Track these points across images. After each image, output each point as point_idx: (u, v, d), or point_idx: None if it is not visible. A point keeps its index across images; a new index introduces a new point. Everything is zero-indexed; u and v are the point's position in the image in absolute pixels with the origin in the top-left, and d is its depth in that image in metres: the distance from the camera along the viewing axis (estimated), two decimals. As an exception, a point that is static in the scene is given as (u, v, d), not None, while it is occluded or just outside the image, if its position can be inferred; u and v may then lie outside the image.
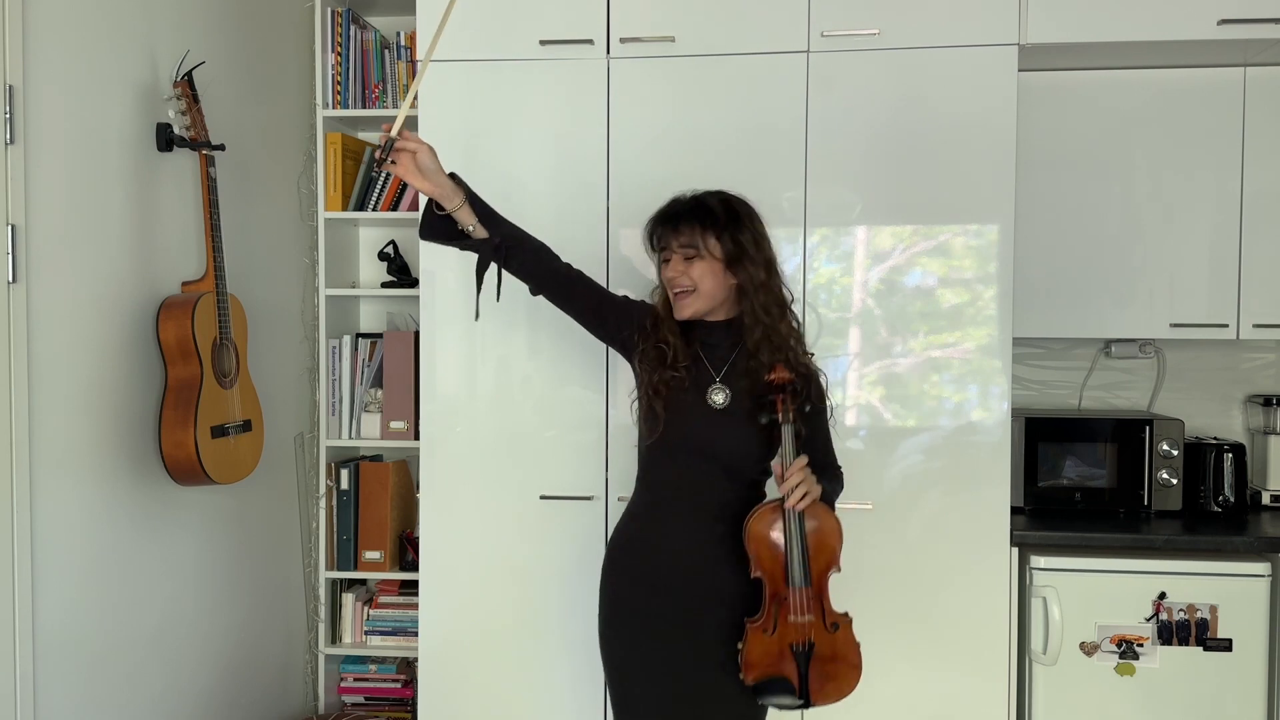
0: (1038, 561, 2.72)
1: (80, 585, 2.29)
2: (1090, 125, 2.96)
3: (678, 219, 2.16)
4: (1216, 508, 2.98)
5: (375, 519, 3.23)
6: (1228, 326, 2.93)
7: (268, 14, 3.03)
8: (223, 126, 2.68)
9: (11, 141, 2.08)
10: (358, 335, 3.30)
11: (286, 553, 3.18)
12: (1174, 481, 2.94)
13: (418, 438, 3.03)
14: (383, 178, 3.21)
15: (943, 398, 2.71)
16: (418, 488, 3.09)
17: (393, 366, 3.19)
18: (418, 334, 2.97)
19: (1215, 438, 3.12)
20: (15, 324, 2.09)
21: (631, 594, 2.24)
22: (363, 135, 3.39)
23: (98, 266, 2.33)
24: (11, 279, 2.08)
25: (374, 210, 3.22)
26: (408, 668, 3.29)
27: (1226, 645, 2.67)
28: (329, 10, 3.17)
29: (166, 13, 2.55)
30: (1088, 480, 2.99)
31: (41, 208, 2.16)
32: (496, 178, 2.80)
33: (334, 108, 3.20)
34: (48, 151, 2.18)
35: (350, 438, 3.25)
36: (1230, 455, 2.98)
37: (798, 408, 2.10)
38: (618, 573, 2.28)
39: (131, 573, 2.46)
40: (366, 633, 3.28)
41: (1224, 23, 2.65)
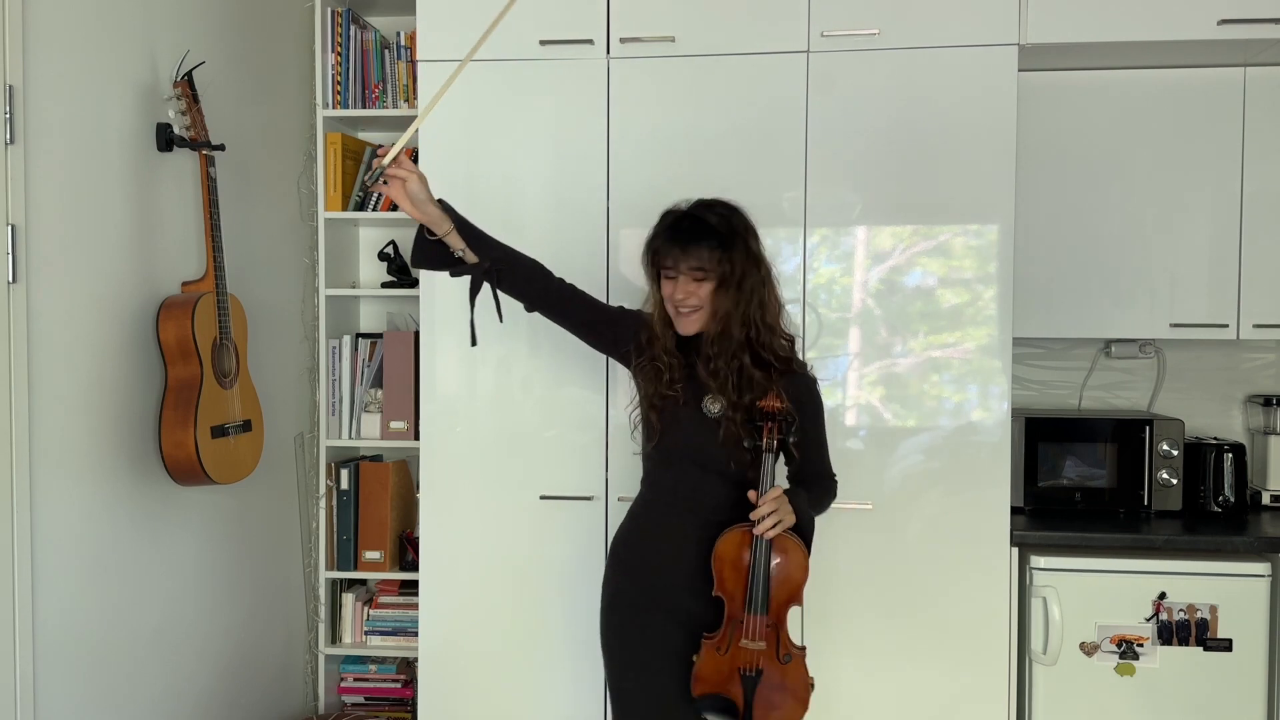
0: (1038, 561, 2.72)
1: (80, 585, 2.29)
2: (1090, 125, 2.96)
3: (686, 240, 2.13)
4: (1216, 508, 2.98)
5: (375, 519, 3.23)
6: (1228, 326, 2.93)
7: (268, 14, 3.03)
8: (223, 126, 2.68)
9: (11, 141, 2.08)
10: (358, 335, 3.30)
11: (286, 553, 3.18)
12: (1174, 481, 2.94)
13: (418, 438, 3.03)
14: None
15: (943, 398, 2.71)
16: (418, 488, 3.09)
17: (393, 366, 3.19)
18: (418, 334, 2.97)
19: (1215, 438, 3.12)
20: (15, 324, 2.09)
21: (630, 591, 2.28)
22: (363, 135, 3.39)
23: (98, 266, 2.33)
24: (11, 279, 2.08)
25: (374, 210, 3.22)
26: (408, 668, 3.29)
27: (1226, 645, 2.67)
28: (329, 10, 3.17)
29: (166, 13, 2.55)
30: (1088, 480, 2.99)
31: (41, 208, 2.16)
32: (496, 178, 2.81)
33: (334, 108, 3.20)
34: (48, 151, 2.18)
35: (350, 438, 3.26)
36: (1230, 455, 2.98)
37: (783, 438, 2.14)
38: (618, 569, 2.32)
39: (131, 572, 2.46)
40: (366, 633, 3.28)
41: (1224, 23, 2.65)
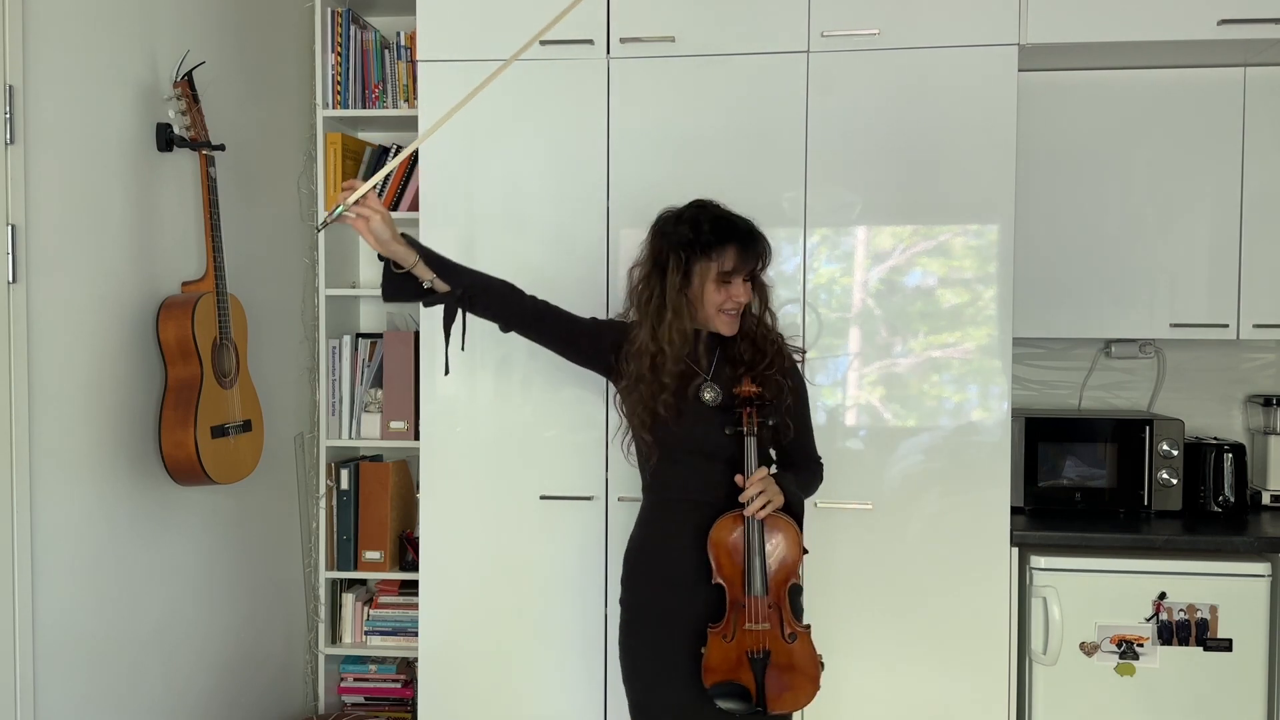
0: (1038, 561, 2.72)
1: (80, 585, 2.29)
2: (1090, 125, 2.96)
3: (762, 249, 2.20)
4: (1216, 508, 2.98)
5: (375, 519, 3.23)
6: (1228, 326, 2.93)
7: (268, 14, 3.03)
8: (223, 126, 2.68)
9: (11, 141, 2.08)
10: (358, 335, 3.30)
11: (286, 553, 3.18)
12: (1174, 481, 2.94)
13: (418, 438, 3.03)
14: (383, 177, 3.20)
15: (943, 398, 2.71)
16: (418, 488, 3.09)
17: (393, 366, 3.19)
18: (418, 334, 2.97)
19: (1215, 438, 3.12)
20: (15, 324, 2.09)
21: (651, 597, 2.26)
22: (363, 135, 3.38)
23: (98, 266, 2.33)
24: (11, 279, 2.08)
25: (374, 210, 3.22)
26: (408, 668, 3.29)
27: (1226, 645, 2.67)
28: (329, 10, 3.17)
29: (166, 13, 2.56)
30: (1088, 480, 2.99)
31: (41, 208, 2.16)
32: (497, 178, 2.81)
33: (334, 108, 3.20)
34: (48, 151, 2.18)
35: (350, 438, 3.25)
36: (1230, 455, 2.98)
37: (763, 421, 2.16)
38: (636, 578, 2.30)
39: (131, 572, 2.46)
40: (366, 633, 3.28)
41: (1224, 23, 2.65)
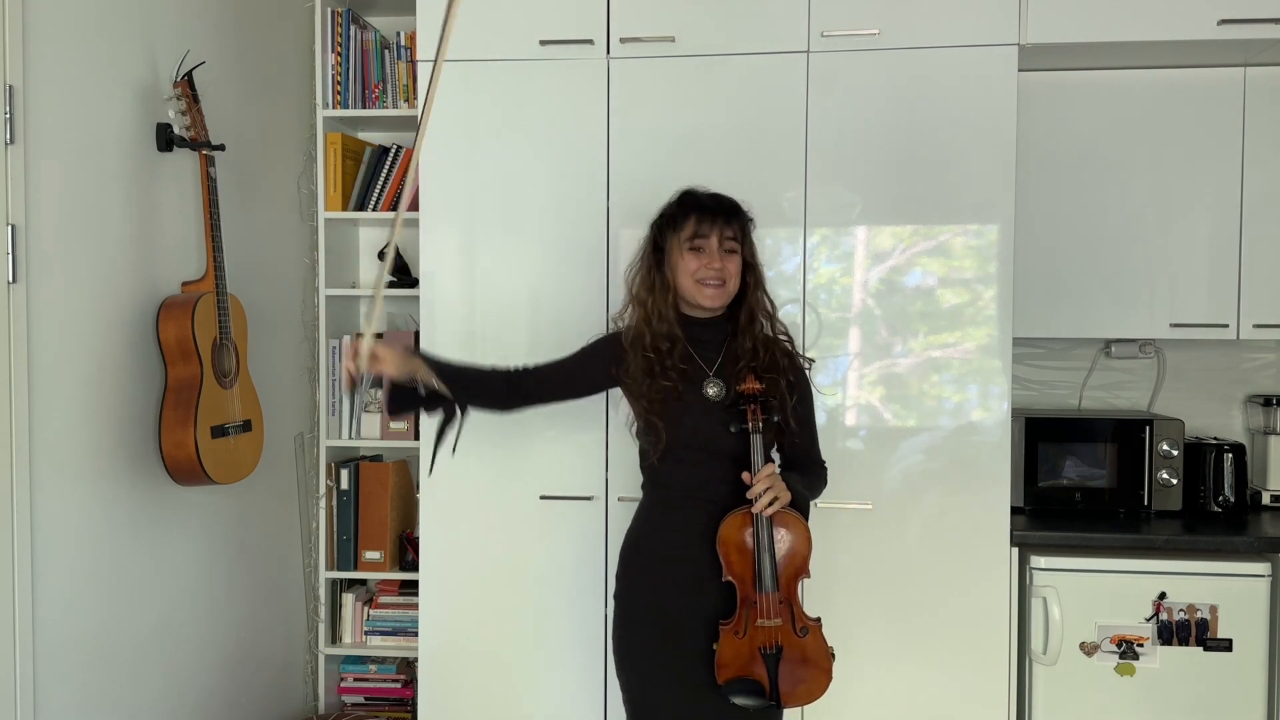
0: (1038, 561, 2.72)
1: (80, 585, 2.29)
2: (1090, 125, 2.96)
3: (728, 215, 2.20)
4: (1216, 508, 2.97)
5: (375, 519, 3.23)
6: (1228, 326, 2.93)
7: (268, 14, 3.03)
8: (223, 126, 2.68)
9: (11, 141, 2.08)
10: (357, 335, 3.29)
11: (286, 553, 3.18)
12: (1174, 481, 2.94)
13: (418, 438, 3.03)
14: (383, 177, 3.21)
15: (943, 398, 2.71)
16: (418, 488, 3.09)
17: (393, 366, 3.19)
18: (418, 334, 2.97)
19: (1215, 438, 3.12)
20: (15, 324, 2.09)
21: (648, 594, 2.24)
22: (363, 135, 3.38)
23: (98, 266, 2.33)
24: (11, 279, 2.08)
25: (374, 210, 3.22)
26: (408, 668, 3.29)
27: (1226, 645, 2.67)
28: (329, 10, 3.17)
29: (166, 13, 2.56)
30: (1088, 480, 2.99)
31: (41, 208, 2.16)
32: (496, 178, 2.81)
33: (334, 108, 3.20)
34: (48, 151, 2.18)
35: (350, 438, 3.25)
36: (1230, 455, 2.98)
37: (767, 418, 2.16)
38: (631, 575, 2.29)
39: (131, 572, 2.46)
40: (366, 633, 3.28)
41: (1224, 23, 2.66)
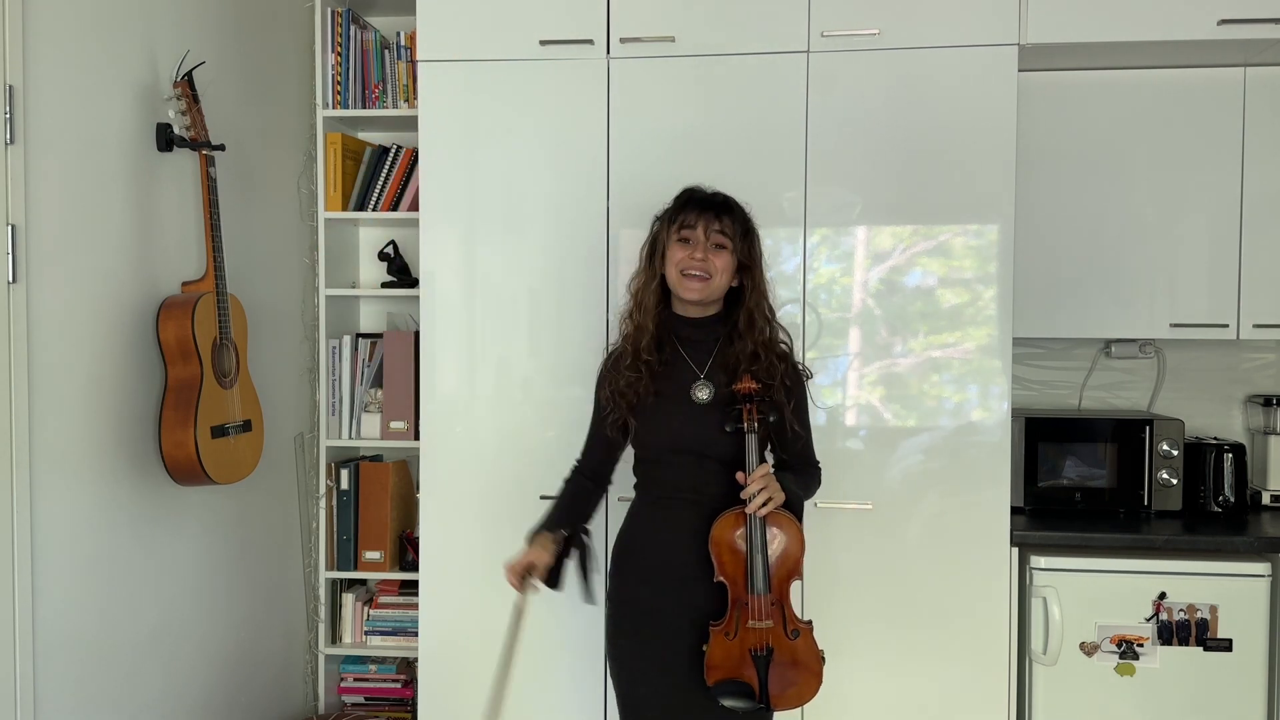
0: (1038, 561, 2.72)
1: (80, 585, 2.29)
2: (1090, 125, 2.96)
3: (720, 209, 2.21)
4: (1216, 508, 2.97)
5: (375, 519, 3.23)
6: (1228, 326, 2.93)
7: (268, 14, 3.03)
8: (223, 126, 2.68)
9: (11, 141, 2.08)
10: (358, 335, 3.29)
11: (286, 553, 3.18)
12: (1174, 481, 2.94)
13: (418, 438, 3.03)
14: (384, 177, 3.21)
15: (943, 398, 2.71)
16: (418, 488, 3.09)
17: (393, 366, 3.19)
18: (418, 334, 2.97)
19: (1215, 438, 3.12)
20: (15, 324, 2.09)
21: (636, 595, 2.25)
22: (363, 135, 3.38)
23: (98, 266, 2.33)
24: (11, 279, 2.08)
25: (374, 210, 3.22)
26: (408, 668, 3.29)
27: (1226, 645, 2.67)
28: (329, 10, 3.17)
29: (166, 13, 2.56)
30: (1088, 480, 2.99)
31: (41, 208, 2.16)
32: (497, 178, 2.81)
33: (334, 108, 3.20)
34: (48, 151, 2.18)
35: (350, 438, 3.25)
36: (1230, 455, 2.98)
37: (763, 418, 2.15)
38: (622, 575, 2.30)
39: (131, 573, 2.46)
40: (366, 633, 3.28)
41: (1224, 23, 2.66)
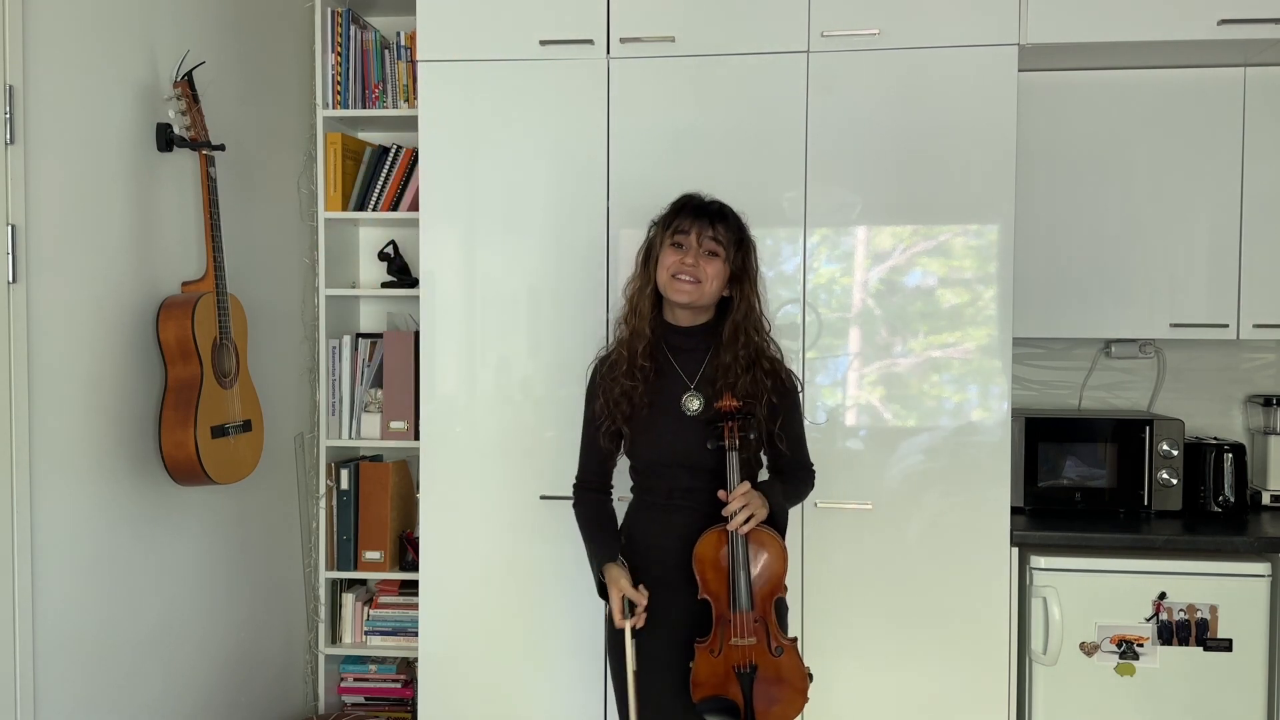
0: (1038, 561, 2.72)
1: (80, 585, 2.29)
2: (1090, 125, 2.96)
3: (714, 216, 2.21)
4: (1216, 508, 2.97)
5: (375, 519, 3.23)
6: (1228, 326, 2.93)
7: (268, 14, 3.03)
8: (223, 126, 2.68)
9: (11, 141, 2.08)
10: (358, 335, 3.29)
11: (286, 553, 3.18)
12: (1174, 481, 2.94)
13: (418, 438, 3.03)
14: (384, 177, 3.21)
15: (943, 398, 2.71)
16: (418, 488, 3.09)
17: (393, 366, 3.19)
18: (418, 334, 2.97)
19: (1215, 438, 3.12)
20: (15, 324, 2.09)
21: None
22: (363, 135, 3.38)
23: (98, 266, 2.33)
24: (11, 279, 2.08)
25: (374, 210, 3.22)
26: (408, 668, 3.29)
27: (1226, 645, 2.67)
28: (329, 10, 3.16)
29: (166, 13, 2.55)
30: (1088, 480, 2.99)
31: (41, 208, 2.16)
32: (497, 178, 2.81)
33: (334, 108, 3.20)
34: (48, 151, 2.18)
35: (350, 438, 3.25)
36: (1230, 455, 2.98)
37: (744, 435, 2.15)
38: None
39: (131, 572, 2.46)
40: (366, 633, 3.28)
41: (1224, 23, 2.66)
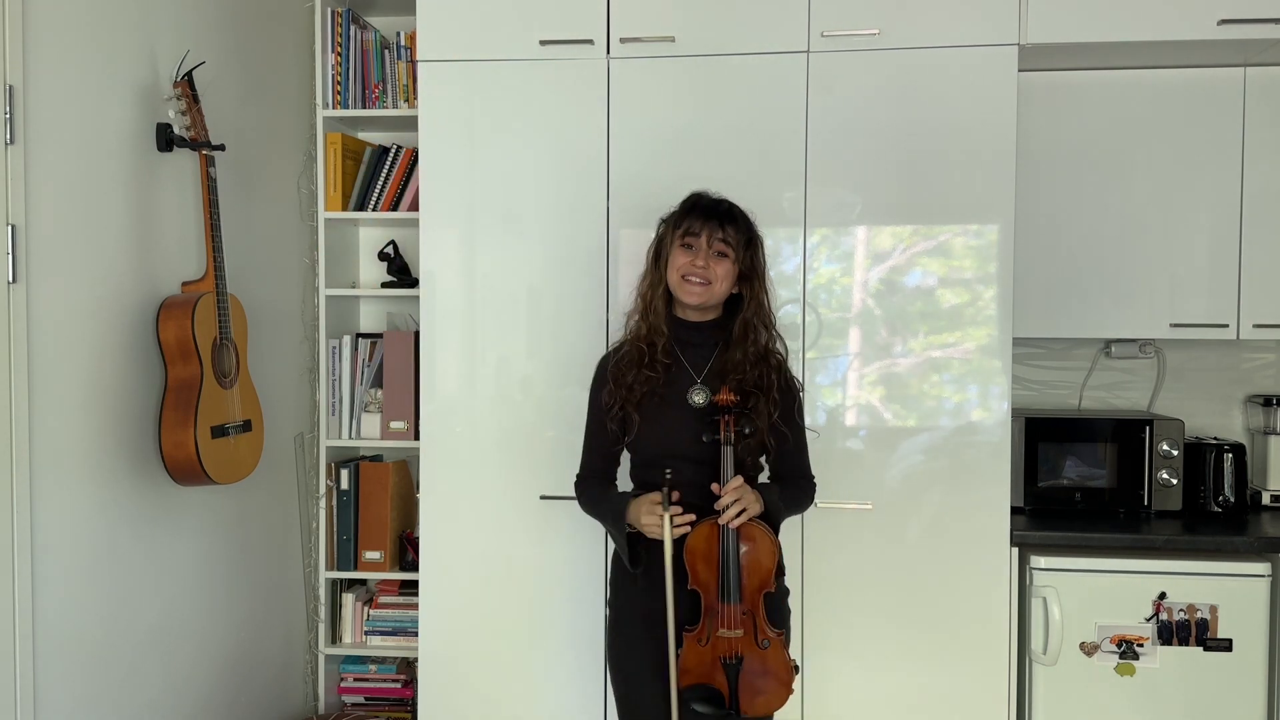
0: (1038, 561, 2.72)
1: (80, 585, 2.29)
2: (1090, 125, 2.96)
3: (724, 218, 2.21)
4: (1216, 508, 2.97)
5: (375, 519, 3.23)
6: (1228, 326, 2.93)
7: (268, 14, 3.03)
8: (223, 126, 2.68)
9: (11, 141, 2.08)
10: (358, 335, 3.29)
11: (286, 553, 3.18)
12: (1174, 481, 2.94)
13: (418, 438, 3.03)
14: (384, 177, 3.21)
15: (943, 398, 2.71)
16: (418, 488, 3.09)
17: (393, 366, 3.19)
18: (418, 334, 2.97)
19: (1215, 438, 3.12)
20: (15, 324, 2.09)
21: (631, 597, 2.27)
22: (363, 135, 3.38)
23: (98, 266, 2.33)
24: (11, 279, 2.08)
25: (374, 210, 3.22)
26: (408, 668, 3.29)
27: (1226, 645, 2.67)
28: (329, 10, 3.16)
29: (166, 13, 2.55)
30: (1088, 480, 2.99)
31: (41, 208, 2.16)
32: (496, 178, 2.81)
33: (334, 108, 3.20)
34: (48, 151, 2.18)
35: (350, 438, 3.25)
36: (1230, 455, 2.98)
37: (739, 430, 2.16)
38: (621, 578, 2.31)
39: (131, 573, 2.46)
40: (366, 633, 3.28)
41: (1224, 23, 2.66)
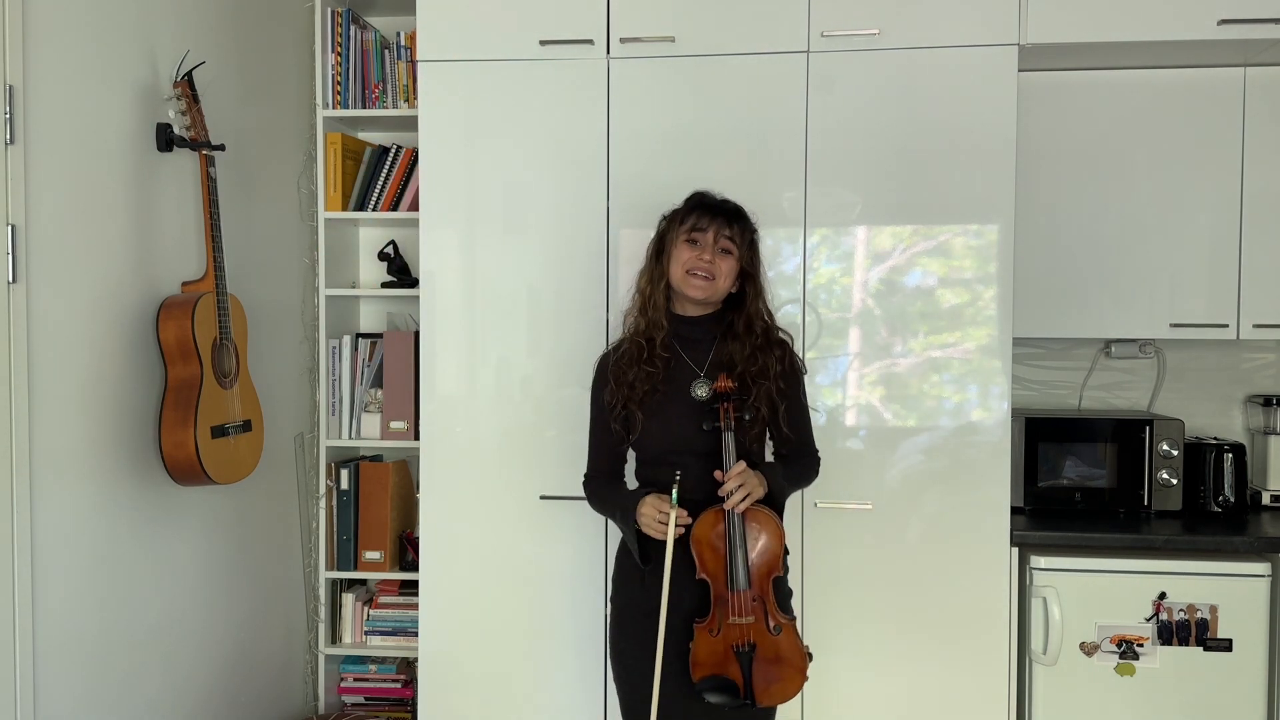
0: (1038, 561, 2.72)
1: (80, 585, 2.29)
2: (1090, 125, 2.96)
3: (730, 216, 2.24)
4: (1216, 508, 2.97)
5: (375, 519, 3.23)
6: (1228, 326, 2.93)
7: (268, 14, 3.03)
8: (223, 126, 2.68)
9: (11, 141, 2.08)
10: (358, 335, 3.29)
11: (286, 553, 3.18)
12: (1174, 481, 2.94)
13: (418, 438, 3.03)
14: (383, 177, 3.21)
15: (943, 398, 2.71)
16: (418, 488, 3.09)
17: (393, 366, 3.19)
18: (418, 334, 2.97)
19: (1215, 438, 3.12)
20: (15, 324, 2.09)
21: (635, 593, 2.26)
22: (363, 135, 3.38)
23: (98, 266, 2.33)
24: (11, 279, 2.08)
25: (374, 210, 3.22)
26: (408, 668, 3.29)
27: (1226, 645, 2.67)
28: (329, 10, 3.16)
29: (166, 13, 2.55)
30: (1088, 480, 2.99)
31: (41, 208, 2.16)
32: (497, 178, 2.81)
33: (334, 108, 3.20)
34: (48, 151, 2.18)
35: (350, 438, 3.25)
36: (1230, 455, 2.98)
37: (739, 416, 2.17)
38: (624, 574, 2.31)
39: (131, 573, 2.46)
40: (366, 633, 3.28)
41: (1224, 23, 2.65)
